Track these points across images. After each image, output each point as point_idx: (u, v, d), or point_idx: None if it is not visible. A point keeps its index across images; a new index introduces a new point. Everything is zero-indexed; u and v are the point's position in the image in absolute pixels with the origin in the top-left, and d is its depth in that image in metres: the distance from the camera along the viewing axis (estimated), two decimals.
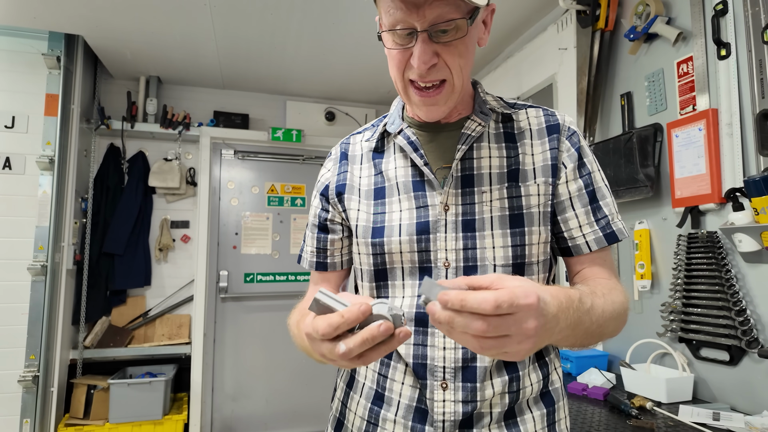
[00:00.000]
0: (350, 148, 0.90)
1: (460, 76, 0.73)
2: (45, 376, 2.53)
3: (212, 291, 3.33)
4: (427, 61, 0.68)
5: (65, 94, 2.69)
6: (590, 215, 0.78)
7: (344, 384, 0.88)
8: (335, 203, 0.86)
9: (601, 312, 0.65)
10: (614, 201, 0.81)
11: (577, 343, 0.65)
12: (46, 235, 2.58)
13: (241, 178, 3.51)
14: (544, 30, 2.40)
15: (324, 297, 0.56)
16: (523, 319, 0.49)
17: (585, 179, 0.79)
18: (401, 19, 0.67)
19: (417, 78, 0.72)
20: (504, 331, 0.49)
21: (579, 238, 0.78)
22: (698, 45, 1.59)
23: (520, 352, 0.51)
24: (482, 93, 0.84)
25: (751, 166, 1.43)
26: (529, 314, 0.50)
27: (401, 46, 0.71)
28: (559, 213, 0.79)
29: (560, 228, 0.79)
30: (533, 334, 0.50)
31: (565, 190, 0.79)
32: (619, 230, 0.79)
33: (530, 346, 0.51)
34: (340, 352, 0.53)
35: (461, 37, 0.69)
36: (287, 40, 2.73)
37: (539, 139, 0.80)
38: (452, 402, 0.74)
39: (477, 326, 0.48)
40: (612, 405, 1.49)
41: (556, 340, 0.60)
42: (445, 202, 0.77)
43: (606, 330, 0.68)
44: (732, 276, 1.47)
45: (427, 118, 0.79)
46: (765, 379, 1.38)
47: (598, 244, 0.77)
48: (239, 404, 3.33)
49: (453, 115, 0.82)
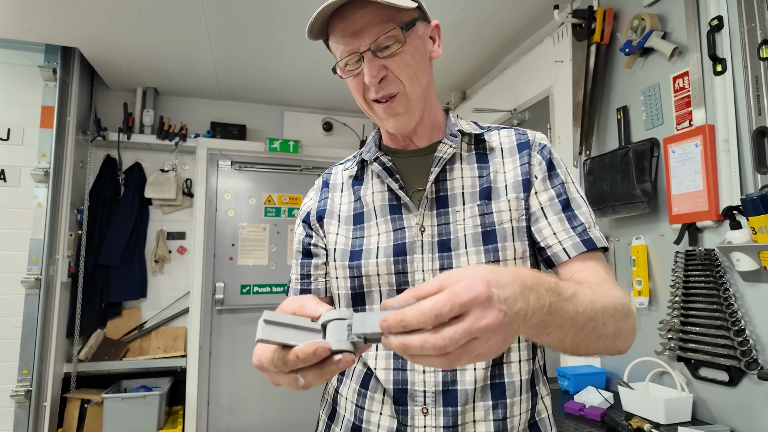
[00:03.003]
0: (331, 178, 0.94)
1: (413, 84, 0.76)
2: (38, 390, 2.51)
3: (208, 303, 3.31)
4: (375, 74, 0.73)
5: (61, 106, 2.69)
6: (565, 222, 0.76)
7: (326, 416, 0.86)
8: (317, 228, 0.88)
9: (589, 303, 0.57)
10: (592, 212, 0.79)
11: (569, 340, 0.56)
12: (40, 247, 2.56)
13: (237, 189, 3.50)
14: (541, 42, 2.39)
15: (270, 330, 0.47)
16: (478, 315, 0.43)
17: (557, 189, 0.79)
18: (347, 49, 0.74)
19: (375, 95, 0.76)
20: (463, 337, 0.43)
21: (555, 245, 0.76)
22: (694, 60, 1.58)
23: (493, 348, 0.45)
24: (453, 118, 0.87)
25: (749, 184, 1.41)
26: (481, 307, 0.43)
27: (354, 73, 0.77)
28: (533, 224, 0.78)
29: (536, 239, 0.78)
30: (497, 326, 0.43)
31: (536, 201, 0.78)
32: (596, 238, 0.75)
33: (501, 339, 0.45)
34: (301, 385, 0.50)
35: (402, 47, 0.74)
36: (284, 51, 2.73)
37: (510, 157, 0.82)
38: (433, 428, 0.72)
39: (433, 343, 0.42)
40: (609, 426, 1.46)
41: (542, 334, 0.53)
42: (421, 224, 0.78)
43: (605, 328, 0.60)
44: (730, 295, 1.44)
45: (396, 129, 0.81)
46: (765, 402, 1.35)
47: (576, 250, 0.74)
48: (235, 417, 3.30)
49: (425, 139, 0.85)
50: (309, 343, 0.47)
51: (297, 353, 0.46)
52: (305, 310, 0.51)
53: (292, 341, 0.47)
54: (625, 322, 0.65)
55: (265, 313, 0.48)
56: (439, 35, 0.83)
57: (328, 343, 0.47)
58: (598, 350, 0.63)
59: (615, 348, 0.65)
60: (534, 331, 0.52)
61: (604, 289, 0.65)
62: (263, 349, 0.50)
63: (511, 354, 0.75)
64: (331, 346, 0.47)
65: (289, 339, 0.47)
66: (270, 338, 0.47)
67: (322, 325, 0.49)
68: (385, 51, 0.73)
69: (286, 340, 0.47)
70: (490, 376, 0.74)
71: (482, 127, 0.87)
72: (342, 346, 0.47)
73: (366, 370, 0.79)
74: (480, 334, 0.43)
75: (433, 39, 0.82)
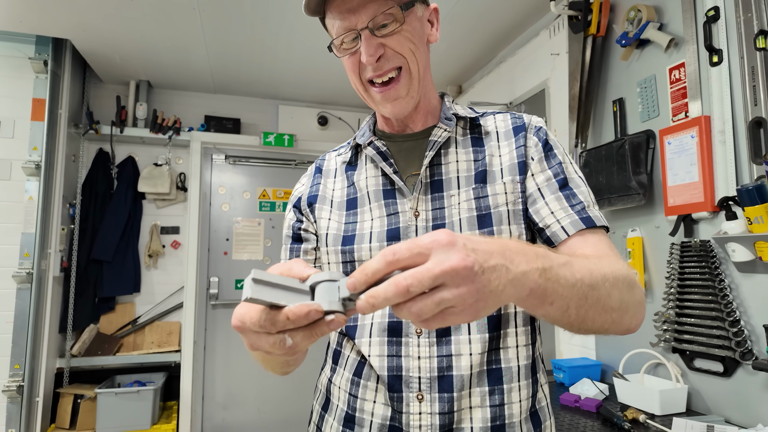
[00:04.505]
0: (325, 164, 0.93)
1: (415, 60, 0.74)
2: (30, 385, 2.49)
3: (203, 298, 3.29)
4: (373, 53, 0.71)
5: (52, 98, 2.65)
6: (563, 201, 0.74)
7: (319, 407, 0.85)
8: (307, 213, 0.87)
9: (587, 271, 0.55)
10: (590, 192, 0.77)
11: (573, 311, 0.53)
12: (32, 242, 2.53)
13: (232, 183, 3.48)
14: (537, 35, 2.39)
15: (259, 290, 0.44)
16: (441, 257, 0.41)
17: (554, 169, 0.77)
18: (343, 27, 0.72)
19: (372, 74, 0.74)
20: (425, 278, 0.41)
21: (554, 224, 0.73)
22: (690, 51, 1.57)
23: (467, 300, 0.43)
24: (449, 102, 0.86)
25: (744, 174, 1.41)
26: (443, 250, 0.42)
27: (350, 51, 0.75)
28: (530, 205, 0.76)
29: (534, 220, 0.76)
30: (463, 271, 0.41)
31: (533, 183, 0.77)
32: (596, 216, 0.73)
33: (474, 290, 0.42)
34: (288, 345, 0.47)
35: (401, 26, 0.72)
36: (278, 44, 2.71)
37: (506, 140, 0.80)
38: (428, 414, 0.71)
39: (395, 284, 0.41)
40: (605, 418, 1.46)
41: (544, 303, 0.50)
42: (415, 208, 0.77)
43: (609, 299, 0.57)
44: (725, 286, 1.44)
45: (393, 114, 0.79)
46: (759, 392, 1.35)
47: (574, 227, 0.72)
48: (230, 412, 3.29)
49: (419, 124, 0.83)
50: (301, 304, 0.45)
51: (288, 314, 0.44)
52: (293, 271, 0.50)
53: (282, 301, 0.45)
54: (631, 294, 0.62)
55: (254, 271, 0.45)
56: (437, 19, 0.82)
57: (320, 304, 0.46)
58: (606, 324, 0.60)
59: (623, 324, 0.62)
60: (534, 300, 0.50)
61: (602, 260, 0.62)
62: (246, 309, 0.47)
63: (507, 339, 0.74)
64: (323, 308, 0.46)
65: (279, 299, 0.45)
66: (259, 297, 0.44)
67: (310, 287, 0.48)
68: (382, 29, 0.72)
69: (276, 300, 0.45)
70: (487, 362, 0.73)
71: (477, 112, 0.86)
72: (333, 307, 0.46)
73: (360, 359, 0.78)
74: (446, 278, 0.41)
75: (431, 23, 0.81)
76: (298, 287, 0.48)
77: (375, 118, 0.89)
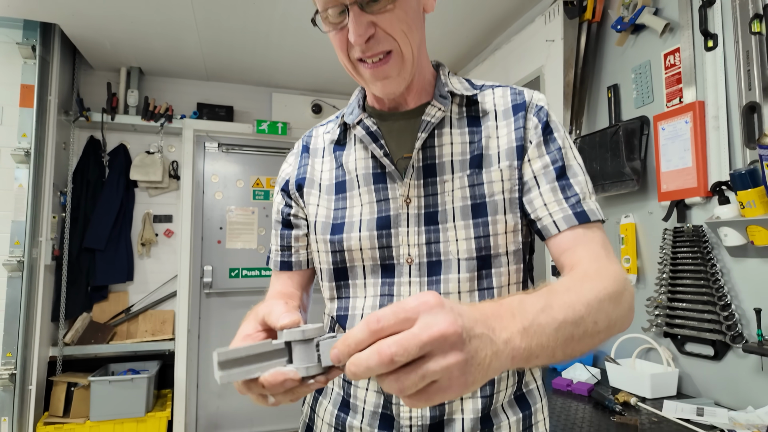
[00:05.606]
0: (312, 141, 0.87)
1: (408, 43, 0.68)
2: (23, 373, 2.47)
3: (196, 286, 3.28)
4: (362, 33, 0.65)
5: (41, 84, 2.61)
6: (557, 192, 0.70)
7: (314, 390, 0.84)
8: (296, 198, 0.83)
9: (569, 308, 0.51)
10: (589, 181, 0.73)
11: (560, 354, 0.50)
12: (22, 229, 2.51)
13: (225, 172, 3.45)
14: (532, 21, 2.37)
15: (228, 372, 0.43)
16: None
17: (552, 155, 0.72)
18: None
19: (361, 54, 0.68)
20: (412, 346, 0.38)
21: (545, 218, 0.70)
22: (685, 36, 1.57)
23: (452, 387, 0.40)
24: (444, 76, 0.79)
25: (738, 160, 1.42)
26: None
27: (337, 27, 0.68)
28: (524, 194, 0.72)
29: (527, 210, 0.72)
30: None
31: (529, 170, 0.72)
32: (590, 210, 0.69)
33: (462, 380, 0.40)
34: (271, 403, 0.48)
35: (394, 2, 0.65)
36: (271, 31, 2.67)
37: (504, 120, 0.74)
38: None
39: (378, 351, 0.38)
40: (596, 401, 1.47)
41: (529, 363, 0.47)
42: (406, 195, 0.73)
43: (596, 325, 0.54)
44: (717, 270, 1.45)
45: (384, 94, 0.73)
46: (749, 375, 1.37)
47: (567, 223, 0.68)
48: (224, 401, 3.29)
49: (412, 101, 0.77)
50: (276, 372, 0.43)
51: (263, 384, 0.43)
52: (271, 318, 0.50)
53: (256, 373, 0.44)
54: (618, 307, 0.58)
55: (217, 353, 0.43)
56: None
57: (296, 371, 0.44)
58: (595, 345, 0.57)
59: (612, 334, 0.59)
60: (520, 363, 0.46)
61: (585, 282, 0.58)
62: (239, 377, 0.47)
63: None
64: (300, 375, 0.44)
65: (252, 372, 0.44)
66: (231, 380, 0.44)
67: (285, 343, 0.46)
68: (373, 5, 0.65)
69: (249, 375, 0.44)
70: None
71: (475, 86, 0.79)
72: (312, 372, 0.44)
73: None
74: (433, 345, 0.38)
75: None
76: (271, 348, 0.46)
77: (364, 92, 0.83)
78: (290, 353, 0.46)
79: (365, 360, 0.38)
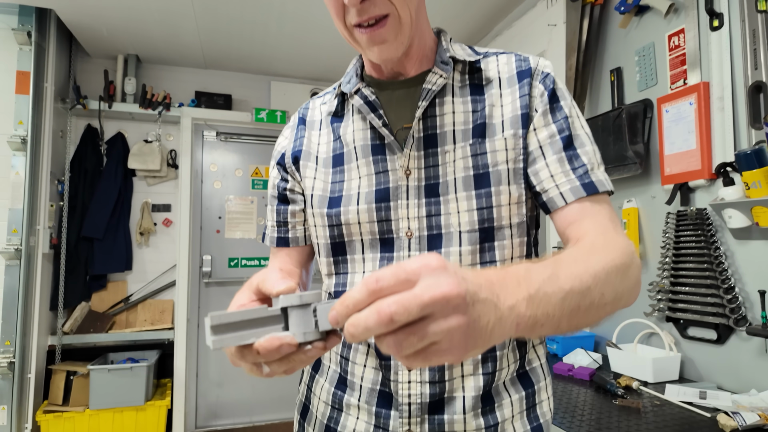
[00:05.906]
0: (309, 113, 0.83)
1: (405, 6, 0.65)
2: (21, 362, 2.46)
3: (195, 276, 3.27)
4: None
5: (38, 71, 2.58)
6: (564, 163, 0.67)
7: (310, 367, 0.83)
8: (293, 171, 0.80)
9: (576, 278, 0.49)
10: (597, 151, 0.70)
11: (565, 325, 0.48)
12: (19, 218, 2.49)
13: (224, 161, 3.43)
14: (534, 6, 2.34)
15: (221, 336, 0.41)
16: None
17: (559, 124, 0.69)
18: None
19: (357, 18, 0.65)
20: (412, 305, 0.36)
21: (552, 189, 0.67)
22: (690, 16, 1.54)
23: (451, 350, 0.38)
24: (446, 42, 0.76)
25: (743, 141, 1.40)
26: None
27: None
28: (530, 165, 0.69)
29: (532, 182, 0.69)
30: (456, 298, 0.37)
31: (535, 139, 0.69)
32: (599, 181, 0.66)
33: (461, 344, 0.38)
34: (266, 373, 0.46)
35: None
36: (270, 18, 2.64)
37: (509, 88, 0.71)
38: (418, 383, 0.68)
39: (377, 310, 0.36)
40: (598, 385, 1.46)
41: (533, 332, 0.45)
42: (406, 166, 0.70)
43: (603, 297, 0.52)
44: (721, 253, 1.44)
45: (381, 60, 0.70)
46: (752, 358, 1.35)
47: (574, 194, 0.66)
48: (224, 390, 3.29)
49: (412, 69, 0.74)
50: (271, 337, 0.42)
51: (258, 349, 0.42)
52: (266, 285, 0.48)
53: (250, 339, 0.42)
54: (626, 281, 0.56)
55: (210, 317, 0.41)
56: None
57: (293, 336, 0.43)
58: (601, 318, 0.56)
59: (619, 308, 0.58)
60: (525, 332, 0.44)
61: (592, 254, 0.56)
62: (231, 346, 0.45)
63: None
64: (297, 340, 0.43)
65: (246, 338, 0.42)
66: (223, 345, 0.42)
67: (282, 309, 0.44)
68: None
69: (243, 340, 0.42)
70: None
71: (478, 52, 0.76)
72: (309, 338, 0.43)
73: None
74: (435, 307, 0.37)
75: None
76: (267, 314, 0.44)
77: (362, 60, 0.79)
78: (287, 320, 0.44)
79: (364, 320, 0.36)
